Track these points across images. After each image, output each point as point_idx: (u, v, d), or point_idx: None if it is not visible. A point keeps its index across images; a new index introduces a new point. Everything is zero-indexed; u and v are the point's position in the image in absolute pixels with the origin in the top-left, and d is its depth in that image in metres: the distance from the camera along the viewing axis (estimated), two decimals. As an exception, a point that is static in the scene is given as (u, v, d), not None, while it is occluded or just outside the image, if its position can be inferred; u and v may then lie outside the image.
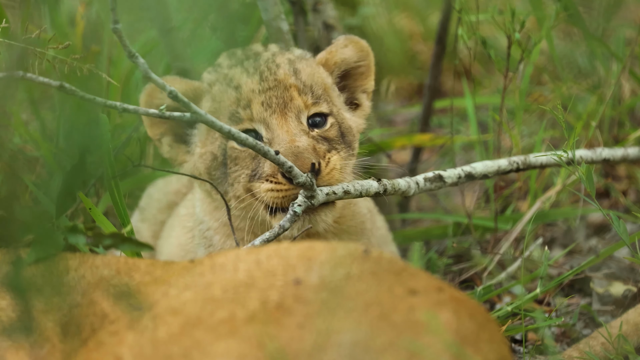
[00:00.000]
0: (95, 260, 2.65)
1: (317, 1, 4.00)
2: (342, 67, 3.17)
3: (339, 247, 2.52)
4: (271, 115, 3.00)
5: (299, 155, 2.91)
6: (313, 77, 3.08)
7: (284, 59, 3.10)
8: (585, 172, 3.10)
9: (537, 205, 3.79)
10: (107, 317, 2.50)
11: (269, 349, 2.27)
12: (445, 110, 4.62)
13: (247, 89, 3.04)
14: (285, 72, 3.05)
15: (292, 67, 3.07)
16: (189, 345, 2.32)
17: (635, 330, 3.19)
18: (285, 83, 3.04)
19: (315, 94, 3.05)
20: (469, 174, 3.22)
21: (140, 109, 2.81)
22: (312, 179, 2.89)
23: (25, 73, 2.71)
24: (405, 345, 2.29)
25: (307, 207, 2.92)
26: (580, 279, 3.70)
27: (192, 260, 2.60)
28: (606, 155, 3.43)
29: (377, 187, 3.03)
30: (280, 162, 2.86)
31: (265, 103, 3.01)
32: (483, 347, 2.37)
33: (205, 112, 2.76)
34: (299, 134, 2.97)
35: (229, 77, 3.09)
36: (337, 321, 2.31)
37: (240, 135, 2.80)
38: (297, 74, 3.06)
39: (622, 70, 3.99)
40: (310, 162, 2.88)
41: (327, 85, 3.11)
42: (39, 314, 2.46)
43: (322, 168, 2.92)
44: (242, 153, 3.03)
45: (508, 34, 3.56)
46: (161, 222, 3.61)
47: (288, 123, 2.99)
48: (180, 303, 2.43)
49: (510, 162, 3.28)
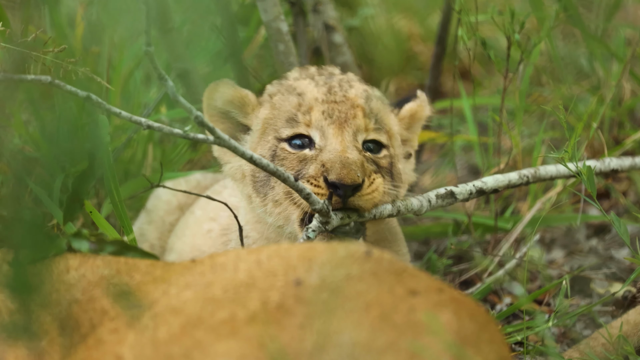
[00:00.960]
0: (96, 260, 2.65)
1: (317, 2, 4.00)
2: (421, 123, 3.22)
3: (339, 248, 2.52)
4: (329, 124, 3.01)
5: (347, 165, 2.92)
6: (382, 113, 3.10)
7: (362, 86, 3.12)
8: (586, 173, 3.10)
9: (537, 206, 3.79)
10: (107, 314, 2.51)
11: (270, 349, 2.27)
12: (446, 111, 4.62)
13: (310, 96, 3.06)
14: (357, 94, 3.07)
15: (366, 94, 3.09)
16: (190, 345, 2.32)
17: (635, 331, 3.19)
18: (354, 102, 3.05)
19: (378, 124, 3.07)
20: (480, 189, 3.23)
21: (164, 127, 2.81)
22: (329, 207, 2.90)
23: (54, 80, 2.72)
24: (406, 345, 2.29)
25: (320, 231, 2.94)
26: (580, 279, 3.70)
27: (192, 260, 2.60)
28: (614, 165, 3.43)
29: (390, 210, 3.04)
30: (299, 188, 2.87)
31: (327, 112, 3.03)
32: (483, 348, 2.37)
33: (228, 138, 2.77)
34: (352, 148, 2.98)
35: (292, 87, 3.11)
36: (338, 321, 2.31)
37: (262, 161, 2.82)
38: (368, 101, 3.08)
39: (623, 71, 3.99)
40: (356, 174, 2.90)
41: (391, 129, 3.13)
42: (38, 308, 2.46)
43: (364, 185, 2.94)
44: (290, 155, 3.03)
45: (508, 34, 3.56)
46: (170, 224, 3.61)
47: (344, 135, 3.00)
48: (180, 302, 2.43)
49: (521, 176, 3.28)
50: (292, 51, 3.74)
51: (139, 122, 2.79)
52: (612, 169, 3.43)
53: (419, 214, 3.12)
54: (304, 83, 3.10)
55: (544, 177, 3.32)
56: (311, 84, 3.09)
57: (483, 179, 3.24)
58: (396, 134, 3.15)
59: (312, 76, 3.13)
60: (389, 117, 3.14)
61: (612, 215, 3.12)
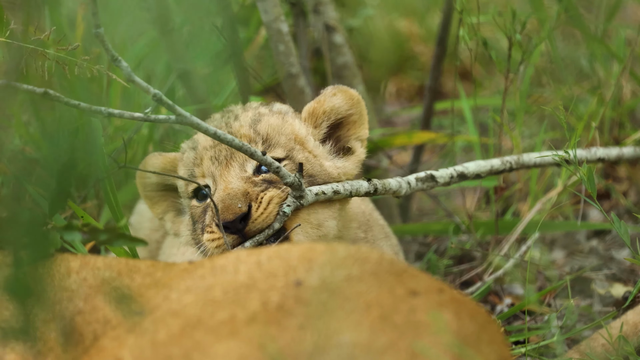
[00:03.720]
0: (97, 262, 2.65)
1: (317, 2, 4.00)
2: (331, 117, 3.21)
3: (339, 249, 2.52)
4: (217, 167, 3.08)
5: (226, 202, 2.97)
6: (277, 128, 3.13)
7: (250, 113, 3.16)
8: (586, 173, 3.10)
9: (538, 207, 3.79)
10: (109, 323, 2.51)
11: (270, 350, 2.27)
12: (446, 111, 4.62)
13: (201, 147, 3.12)
14: (241, 124, 3.12)
15: (253, 119, 3.13)
16: (189, 346, 2.32)
17: (634, 331, 3.19)
18: (237, 133, 3.10)
19: (268, 142, 3.10)
20: (461, 173, 3.23)
21: (125, 112, 2.84)
22: (300, 179, 2.94)
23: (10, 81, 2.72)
24: (406, 346, 2.29)
25: (296, 207, 2.96)
26: (581, 280, 3.70)
27: (192, 262, 2.60)
28: (601, 154, 3.43)
29: (367, 187, 3.06)
30: (267, 162, 2.92)
31: (214, 157, 3.09)
32: (484, 348, 2.37)
33: (190, 115, 2.79)
34: (236, 181, 3.04)
35: (194, 140, 3.17)
36: (338, 322, 2.31)
37: (226, 136, 2.86)
38: (255, 125, 3.12)
39: (623, 71, 3.99)
40: (237, 206, 2.96)
41: (297, 135, 3.15)
42: (42, 323, 2.47)
43: (252, 210, 2.98)
44: (197, 208, 3.12)
45: (509, 35, 3.56)
46: (156, 242, 3.62)
47: (229, 172, 3.06)
48: (181, 306, 2.43)
49: (504, 162, 3.28)
50: (292, 52, 3.74)
51: (99, 112, 2.80)
52: (599, 157, 3.43)
53: (398, 195, 3.12)
54: (200, 136, 3.15)
55: (527, 163, 3.32)
56: (202, 136, 3.13)
57: (465, 164, 3.24)
58: (305, 137, 3.16)
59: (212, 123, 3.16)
60: (292, 125, 3.15)
61: (613, 216, 3.12)
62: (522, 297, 3.63)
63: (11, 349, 2.50)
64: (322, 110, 3.20)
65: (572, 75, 4.19)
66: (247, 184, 3.03)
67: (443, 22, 4.00)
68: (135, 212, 3.70)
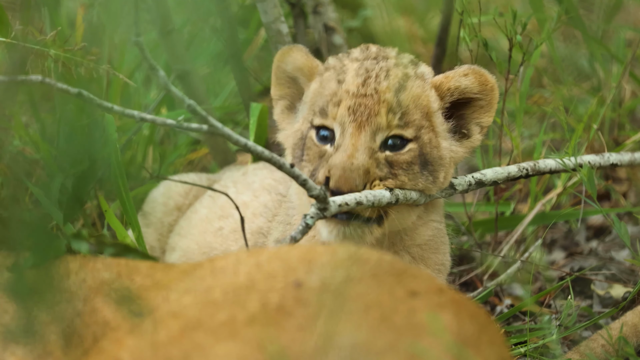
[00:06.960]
0: (96, 263, 2.65)
1: (317, 3, 4.00)
2: (455, 95, 3.10)
3: (339, 250, 2.52)
4: (351, 122, 2.98)
5: (347, 172, 2.91)
6: (415, 100, 3.03)
7: (399, 72, 3.05)
8: (586, 174, 3.10)
9: (538, 207, 3.79)
10: (108, 325, 2.50)
11: (270, 351, 2.27)
12: (446, 112, 4.62)
13: (345, 87, 3.01)
14: (388, 86, 3.01)
15: (399, 83, 3.02)
16: (189, 347, 2.32)
17: (634, 332, 3.19)
18: (381, 96, 2.99)
19: (405, 118, 3.01)
20: (479, 180, 3.21)
21: (157, 118, 2.81)
22: (326, 192, 2.88)
23: (44, 78, 2.71)
24: (406, 347, 2.29)
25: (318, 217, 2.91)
26: (581, 280, 3.70)
27: (192, 264, 2.60)
28: (614, 160, 3.42)
29: (389, 197, 2.99)
30: (295, 175, 2.84)
31: (352, 108, 2.99)
32: (484, 349, 2.37)
33: (222, 125, 2.76)
34: (363, 150, 2.95)
35: (341, 69, 3.06)
36: (338, 323, 2.31)
37: (256, 148, 2.79)
38: (399, 92, 3.02)
39: (623, 72, 3.99)
40: (355, 183, 2.90)
41: (430, 110, 3.06)
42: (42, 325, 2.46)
43: None
44: (314, 146, 3.03)
45: (510, 36, 3.56)
46: (169, 224, 3.63)
47: (360, 136, 2.97)
48: (180, 307, 2.43)
49: (520, 169, 3.27)
50: (292, 52, 3.74)
51: (132, 116, 2.77)
52: (612, 163, 3.42)
53: (418, 204, 3.09)
54: (350, 68, 3.04)
55: (543, 170, 3.31)
56: (353, 72, 3.03)
57: (482, 171, 3.23)
58: (435, 112, 3.08)
59: (364, 59, 3.07)
60: (428, 97, 3.07)
61: (613, 217, 3.12)
62: (522, 298, 3.63)
63: (11, 352, 2.49)
64: (447, 87, 3.09)
65: (572, 76, 4.19)
66: (371, 159, 2.95)
67: (443, 23, 4.00)
68: (148, 200, 3.71)
